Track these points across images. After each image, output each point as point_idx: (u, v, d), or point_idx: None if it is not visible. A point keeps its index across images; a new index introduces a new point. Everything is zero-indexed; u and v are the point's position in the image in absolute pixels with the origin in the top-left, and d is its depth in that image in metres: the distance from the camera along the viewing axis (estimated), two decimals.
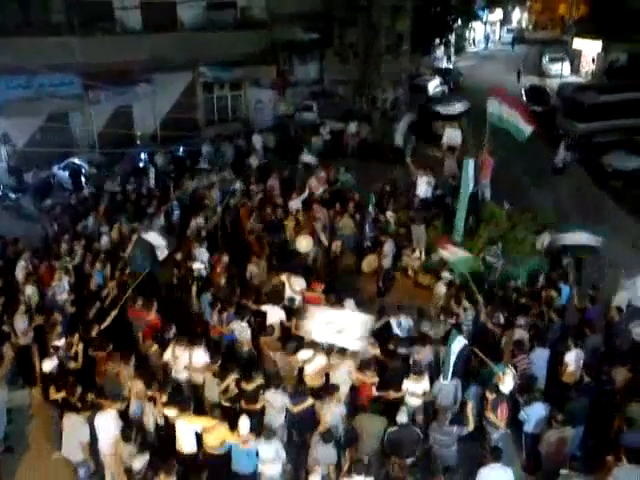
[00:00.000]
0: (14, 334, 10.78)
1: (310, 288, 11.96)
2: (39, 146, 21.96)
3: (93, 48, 22.32)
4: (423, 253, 14.69)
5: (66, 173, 21.22)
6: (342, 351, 9.72)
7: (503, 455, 8.03)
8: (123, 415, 8.92)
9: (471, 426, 8.71)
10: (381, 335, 10.53)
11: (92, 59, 21.92)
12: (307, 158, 20.53)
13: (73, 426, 8.64)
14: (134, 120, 26.02)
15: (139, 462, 7.96)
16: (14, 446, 9.83)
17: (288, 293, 11.82)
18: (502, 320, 10.85)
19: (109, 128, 24.48)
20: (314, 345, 9.83)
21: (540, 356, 10.03)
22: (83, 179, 20.69)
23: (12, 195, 19.99)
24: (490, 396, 8.88)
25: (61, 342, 10.21)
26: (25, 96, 21.26)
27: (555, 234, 13.77)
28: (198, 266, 13.03)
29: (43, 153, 21.52)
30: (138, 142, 24.98)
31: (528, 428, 8.95)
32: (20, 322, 10.89)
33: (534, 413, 8.82)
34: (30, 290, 11.86)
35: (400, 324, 10.83)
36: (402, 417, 8.46)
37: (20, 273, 12.64)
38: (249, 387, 9.10)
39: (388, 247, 14.15)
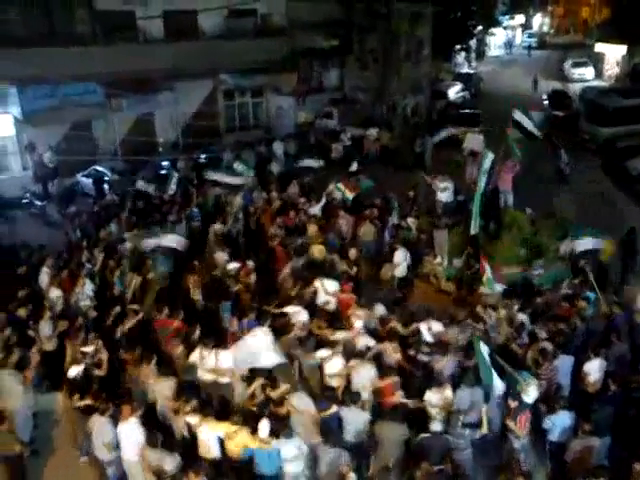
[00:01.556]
0: (39, 339, 10.90)
1: (341, 290, 11.97)
2: (63, 154, 22.36)
3: (116, 57, 22.62)
4: (445, 259, 14.59)
5: (89, 180, 21.47)
6: (361, 355, 9.68)
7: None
8: (148, 416, 8.98)
9: (484, 430, 8.62)
10: (410, 341, 10.42)
11: (115, 68, 22.24)
12: (353, 166, 20.42)
13: (100, 427, 8.70)
14: (156, 128, 26.34)
15: (170, 464, 7.98)
16: (40, 450, 9.92)
17: (322, 297, 11.85)
18: (526, 340, 10.62)
19: (131, 136, 24.81)
20: (332, 345, 9.83)
21: (564, 364, 9.86)
22: (106, 186, 20.91)
23: (38, 202, 20.26)
24: (512, 404, 8.76)
25: (89, 348, 10.29)
26: (50, 105, 21.63)
27: (577, 239, 13.61)
28: (234, 266, 13.13)
29: (67, 161, 21.92)
30: (160, 149, 25.22)
31: (553, 437, 8.79)
32: (45, 328, 11.02)
33: (559, 422, 8.68)
34: (54, 296, 11.99)
35: (430, 329, 10.69)
36: (436, 426, 8.41)
37: (44, 279, 12.78)
38: (275, 394, 9.06)
39: (399, 256, 13.87)
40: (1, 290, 12.39)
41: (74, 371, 9.82)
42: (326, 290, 11.94)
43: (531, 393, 8.78)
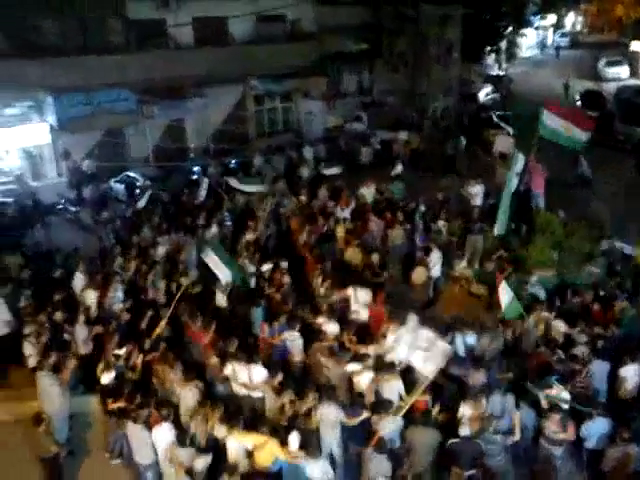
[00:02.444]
0: (75, 343, 11.08)
1: (374, 301, 11.83)
2: (96, 161, 22.76)
3: (147, 64, 22.98)
4: (477, 263, 14.45)
5: (122, 186, 21.78)
6: (391, 367, 9.61)
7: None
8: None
9: (517, 436, 8.51)
10: None
11: (147, 75, 22.61)
12: (398, 169, 20.35)
13: (135, 433, 8.85)
14: (187, 133, 26.59)
15: (201, 463, 8.03)
16: (76, 451, 10.10)
17: (354, 307, 11.72)
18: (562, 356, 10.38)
19: (163, 142, 25.14)
20: (363, 359, 9.77)
21: (600, 369, 9.69)
22: (138, 192, 21.17)
23: (72, 208, 20.62)
24: (555, 415, 8.55)
25: (122, 351, 10.43)
26: (84, 113, 22.01)
27: (612, 242, 13.36)
28: (268, 267, 13.23)
29: (100, 167, 22.30)
30: (191, 155, 25.46)
31: (589, 444, 8.64)
32: (80, 332, 11.21)
33: (595, 429, 8.52)
34: (89, 300, 12.18)
35: (466, 342, 10.58)
36: (465, 430, 8.31)
37: (78, 284, 12.98)
38: (303, 407, 9.03)
39: (435, 256, 13.83)
40: (38, 294, 12.66)
41: (107, 377, 9.99)
42: (358, 299, 11.80)
43: (564, 398, 8.65)
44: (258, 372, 9.74)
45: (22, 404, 10.79)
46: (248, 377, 9.73)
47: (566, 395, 8.85)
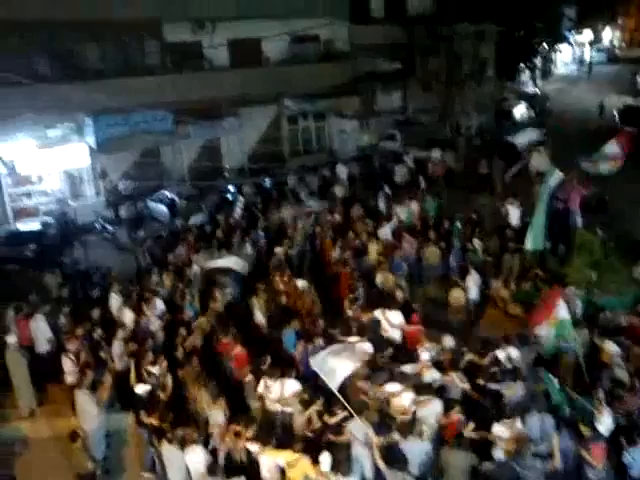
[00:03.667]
0: (111, 360, 11.21)
1: (409, 322, 11.72)
2: (133, 180, 23.17)
3: (184, 85, 23.41)
4: (513, 283, 14.23)
5: (158, 205, 22.10)
6: (428, 388, 9.49)
7: None
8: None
9: (557, 461, 8.22)
10: (491, 371, 10.13)
11: (183, 96, 22.97)
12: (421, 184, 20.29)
13: (169, 454, 8.88)
14: (222, 153, 26.93)
15: None
16: (111, 468, 10.15)
17: (387, 329, 11.59)
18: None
19: (198, 161, 25.50)
20: (403, 379, 9.64)
21: None
22: (174, 211, 21.44)
23: (109, 227, 20.98)
24: (586, 434, 8.37)
25: (155, 369, 10.52)
26: (122, 134, 22.48)
27: None
28: (302, 284, 13.21)
29: (137, 186, 22.71)
30: (226, 174, 25.73)
31: (634, 472, 8.33)
32: (117, 348, 11.35)
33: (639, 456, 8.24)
34: (126, 318, 12.33)
35: (509, 356, 10.35)
36: (499, 453, 8.09)
37: (114, 304, 13.14)
38: (331, 421, 8.98)
39: (472, 279, 13.65)
40: (76, 312, 12.87)
41: (141, 388, 10.11)
42: (390, 322, 11.67)
43: (604, 421, 8.39)
44: (290, 385, 9.76)
45: (60, 420, 11.00)
46: (280, 391, 9.72)
47: (608, 419, 8.58)
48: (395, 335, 11.54)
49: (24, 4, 19.60)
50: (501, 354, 10.35)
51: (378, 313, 11.83)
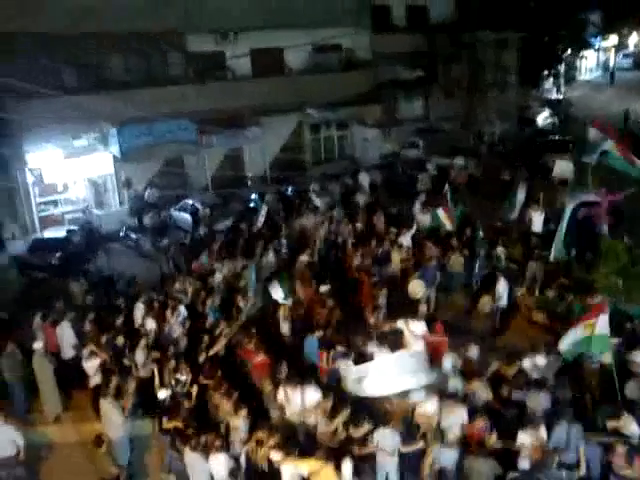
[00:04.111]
0: (135, 367, 11.30)
1: (433, 331, 11.64)
2: (157, 189, 23.40)
3: (207, 95, 23.61)
4: (537, 290, 14.09)
5: (181, 214, 22.28)
6: (454, 397, 9.41)
7: None
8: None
9: (583, 470, 8.14)
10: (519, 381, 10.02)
11: (206, 106, 23.17)
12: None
13: (194, 461, 8.90)
14: (245, 162, 27.06)
15: None
16: (135, 474, 10.24)
17: (410, 340, 11.48)
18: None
19: (221, 170, 25.65)
20: (427, 388, 9.56)
21: None
22: (197, 220, 21.59)
23: (133, 235, 21.20)
24: (620, 448, 8.15)
25: (183, 377, 10.60)
26: (146, 143, 22.73)
27: None
28: (325, 288, 13.20)
29: (161, 196, 22.93)
30: (249, 183, 25.86)
31: None
32: (140, 356, 11.44)
33: None
34: (150, 326, 12.43)
35: (536, 365, 10.27)
36: (524, 463, 7.98)
37: (138, 314, 13.24)
38: (357, 434, 8.91)
39: (502, 286, 13.55)
40: (100, 319, 13.01)
41: (163, 394, 10.20)
42: (412, 332, 11.58)
43: (631, 428, 8.25)
44: (311, 394, 9.72)
45: (85, 426, 11.11)
46: (301, 401, 9.69)
47: (635, 427, 8.42)
48: (415, 345, 11.38)
49: (50, 17, 19.96)
50: (527, 363, 10.25)
51: (401, 323, 11.73)
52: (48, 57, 20.58)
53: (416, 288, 13.85)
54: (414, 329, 11.59)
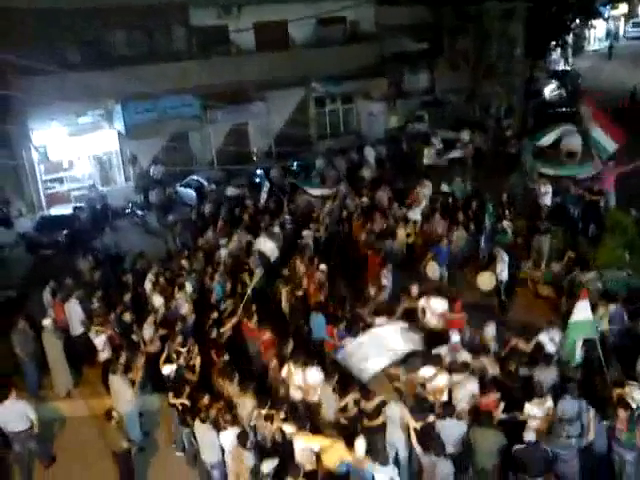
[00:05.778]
0: (143, 343, 11.43)
1: (452, 310, 11.51)
2: (162, 165, 23.38)
3: (210, 70, 23.47)
4: (544, 264, 14.06)
5: (187, 190, 22.29)
6: (464, 369, 9.47)
7: None
8: None
9: (591, 435, 8.25)
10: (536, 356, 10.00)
11: (210, 81, 23.06)
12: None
13: (203, 433, 9.02)
14: (250, 137, 27.01)
15: (268, 466, 8.13)
16: (146, 447, 10.46)
17: (429, 318, 11.42)
18: None
19: (226, 146, 25.57)
20: (436, 362, 9.61)
21: None
22: (202, 195, 21.60)
23: (139, 212, 21.25)
24: (622, 413, 8.23)
25: (184, 349, 10.70)
26: (150, 119, 22.70)
27: None
28: (323, 267, 13.27)
29: (166, 172, 22.92)
30: (254, 158, 25.82)
31: None
32: (148, 331, 11.56)
33: None
34: (157, 302, 12.52)
35: (553, 339, 10.22)
36: (529, 435, 8.08)
37: (148, 285, 13.36)
38: (369, 406, 8.95)
39: (502, 260, 13.36)
40: (108, 295, 13.11)
41: (168, 369, 10.32)
42: (433, 310, 11.43)
43: (636, 396, 8.32)
44: (313, 375, 9.74)
45: (96, 401, 11.29)
46: (303, 380, 9.75)
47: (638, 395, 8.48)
48: (434, 322, 11.34)
49: None
50: (544, 338, 10.23)
51: (422, 302, 11.60)
52: (50, 34, 20.45)
53: (431, 270, 13.91)
54: (435, 307, 11.48)
